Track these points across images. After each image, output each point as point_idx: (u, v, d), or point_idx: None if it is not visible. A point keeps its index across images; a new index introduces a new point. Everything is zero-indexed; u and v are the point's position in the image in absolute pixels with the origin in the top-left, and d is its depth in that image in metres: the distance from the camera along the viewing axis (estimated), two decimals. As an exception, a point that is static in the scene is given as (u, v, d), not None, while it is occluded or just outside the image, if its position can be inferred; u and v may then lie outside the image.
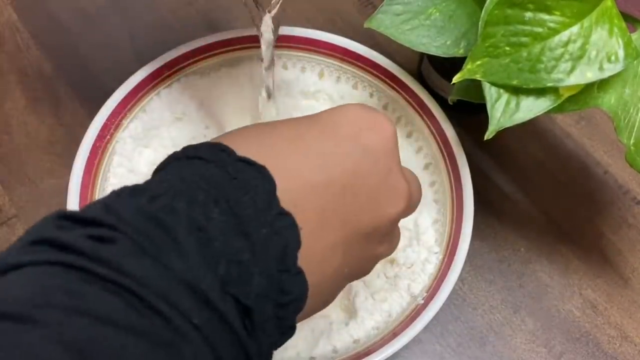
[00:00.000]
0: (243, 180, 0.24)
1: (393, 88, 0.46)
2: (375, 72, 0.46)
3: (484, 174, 0.49)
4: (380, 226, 0.28)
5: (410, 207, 0.30)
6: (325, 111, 0.29)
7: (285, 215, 0.24)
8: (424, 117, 0.45)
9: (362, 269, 0.30)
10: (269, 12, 0.36)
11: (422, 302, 0.39)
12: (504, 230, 0.48)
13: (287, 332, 0.25)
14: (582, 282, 0.46)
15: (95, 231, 0.22)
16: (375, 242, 0.29)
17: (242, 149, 0.25)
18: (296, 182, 0.26)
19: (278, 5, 0.36)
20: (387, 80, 0.46)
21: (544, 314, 0.45)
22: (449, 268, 0.39)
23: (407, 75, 0.45)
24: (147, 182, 0.25)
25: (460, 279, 0.45)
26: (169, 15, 0.54)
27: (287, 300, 0.24)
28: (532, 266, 0.46)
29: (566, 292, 0.46)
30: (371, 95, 0.47)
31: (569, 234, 0.48)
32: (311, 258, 0.25)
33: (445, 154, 0.43)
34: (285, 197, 0.24)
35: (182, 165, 0.25)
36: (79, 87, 0.51)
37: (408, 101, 0.45)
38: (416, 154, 0.46)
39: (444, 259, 0.41)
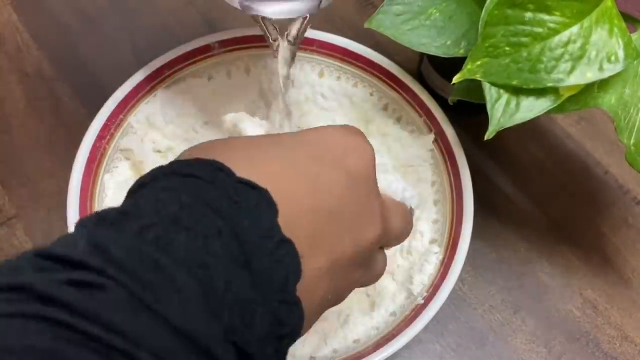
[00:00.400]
0: (246, 205, 0.23)
1: (393, 88, 0.46)
2: (375, 72, 0.46)
3: (484, 174, 0.49)
4: (361, 251, 0.28)
5: (388, 233, 0.30)
6: (310, 131, 0.29)
7: (287, 242, 0.23)
8: (424, 117, 0.45)
9: (341, 296, 0.29)
10: (288, 38, 0.35)
11: (422, 302, 0.39)
12: (504, 230, 0.48)
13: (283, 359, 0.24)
14: (582, 282, 0.46)
15: (80, 275, 0.19)
16: (356, 267, 0.28)
17: (239, 167, 0.24)
18: (291, 207, 0.24)
19: (297, 31, 0.35)
20: (387, 80, 0.46)
21: (544, 314, 0.45)
22: (448, 268, 0.39)
23: (407, 75, 0.45)
24: (135, 204, 0.22)
25: (460, 279, 0.45)
26: (169, 15, 0.54)
27: (284, 333, 0.23)
28: (532, 266, 0.46)
29: (566, 292, 0.46)
30: (371, 94, 0.47)
31: (569, 234, 0.48)
32: (303, 286, 0.24)
33: (445, 154, 0.43)
34: (282, 222, 0.23)
35: (174, 184, 0.23)
36: (79, 87, 0.51)
37: (408, 101, 0.45)
38: None
39: (443, 259, 0.41)
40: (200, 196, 0.22)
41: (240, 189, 0.23)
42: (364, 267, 0.29)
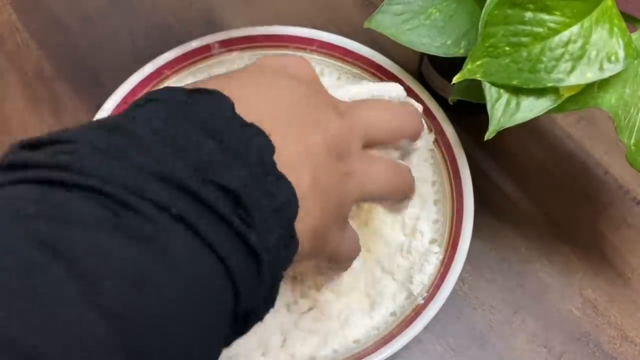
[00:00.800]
0: (204, 103, 0.24)
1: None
2: (375, 71, 0.46)
3: (484, 174, 0.49)
4: (330, 140, 0.28)
5: (359, 123, 0.31)
6: (261, 59, 0.32)
7: (250, 125, 0.24)
8: (424, 116, 0.45)
9: (336, 189, 0.29)
10: None
11: (422, 302, 0.39)
12: (504, 230, 0.48)
13: (290, 244, 0.24)
14: (582, 282, 0.46)
15: (53, 148, 0.20)
16: (336, 159, 0.29)
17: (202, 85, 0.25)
18: (249, 104, 0.25)
19: None
20: (387, 80, 0.46)
21: (544, 313, 0.45)
22: (448, 268, 0.39)
23: (408, 74, 0.45)
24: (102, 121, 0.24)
25: (460, 278, 0.45)
26: (169, 15, 0.54)
27: (279, 205, 0.23)
28: (533, 266, 0.46)
29: (566, 292, 0.46)
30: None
31: (569, 234, 0.48)
32: (285, 168, 0.24)
33: (445, 154, 0.43)
34: (244, 116, 0.24)
35: (140, 107, 0.24)
36: (79, 87, 0.51)
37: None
38: None
39: (443, 259, 0.41)
40: (161, 104, 0.23)
41: (196, 96, 0.24)
42: (345, 162, 0.29)
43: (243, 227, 0.21)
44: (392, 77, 0.46)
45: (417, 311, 0.38)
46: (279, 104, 0.28)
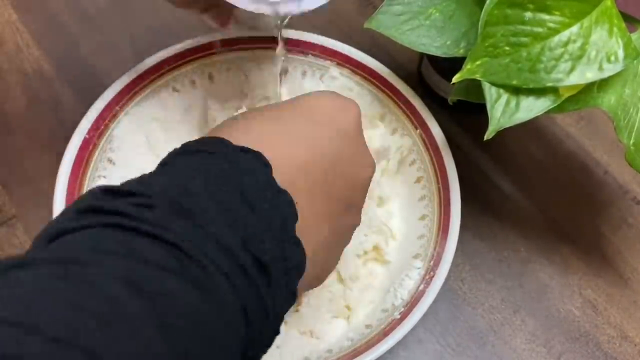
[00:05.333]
0: (244, 166, 0.28)
1: (390, 97, 0.45)
2: (369, 77, 0.46)
3: (484, 174, 0.49)
4: (355, 194, 0.33)
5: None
6: (302, 98, 0.34)
7: (282, 192, 0.28)
8: (418, 126, 0.44)
9: (344, 237, 0.35)
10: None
11: (398, 317, 0.38)
12: (504, 230, 0.48)
13: (290, 299, 0.28)
14: (581, 282, 0.46)
15: (135, 200, 0.25)
16: (352, 211, 0.34)
17: (238, 139, 0.29)
18: (288, 163, 0.29)
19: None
20: (382, 87, 0.45)
21: (543, 313, 0.45)
22: (429, 284, 0.38)
23: (409, 88, 0.44)
24: (161, 171, 0.28)
25: (460, 278, 0.45)
26: (169, 15, 0.54)
27: (290, 266, 0.27)
28: (532, 266, 0.46)
29: (566, 292, 0.46)
30: (371, 103, 0.46)
31: (568, 234, 0.48)
32: (305, 229, 0.29)
33: (437, 170, 0.43)
34: (280, 177, 0.28)
35: (187, 159, 0.28)
36: (79, 87, 0.51)
37: (405, 113, 0.45)
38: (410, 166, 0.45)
39: (425, 274, 0.40)
40: (207, 163, 0.27)
41: (239, 155, 0.28)
42: (358, 211, 0.34)
43: (265, 291, 0.26)
44: (386, 84, 0.45)
45: (392, 326, 0.37)
46: (318, 159, 0.31)
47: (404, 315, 0.38)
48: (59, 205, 0.40)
